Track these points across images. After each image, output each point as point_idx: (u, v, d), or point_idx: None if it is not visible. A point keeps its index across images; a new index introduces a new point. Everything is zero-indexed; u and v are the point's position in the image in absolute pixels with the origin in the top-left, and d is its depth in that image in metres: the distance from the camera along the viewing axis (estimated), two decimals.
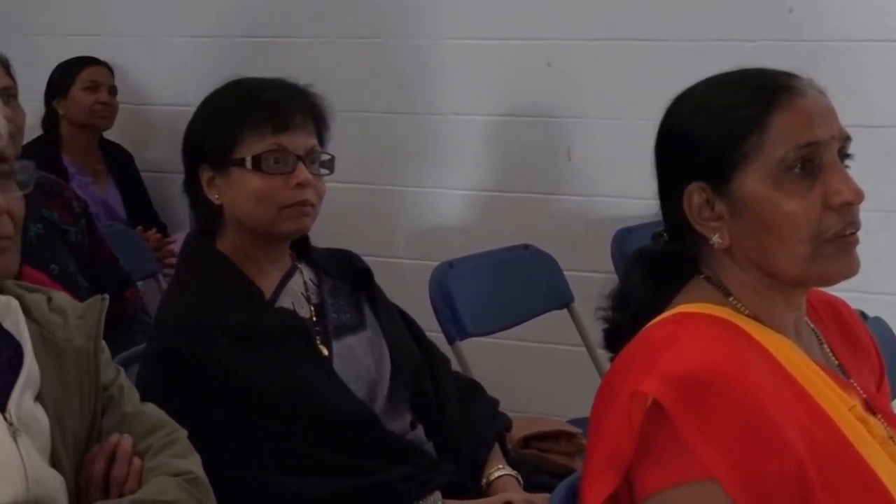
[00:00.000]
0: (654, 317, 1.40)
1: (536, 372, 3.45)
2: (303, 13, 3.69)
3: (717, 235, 1.39)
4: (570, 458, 2.26)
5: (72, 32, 3.97)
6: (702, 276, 1.43)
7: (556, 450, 2.27)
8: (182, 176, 2.02)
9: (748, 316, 1.39)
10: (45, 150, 3.65)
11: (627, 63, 3.30)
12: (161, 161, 3.87)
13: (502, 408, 2.19)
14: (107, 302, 1.56)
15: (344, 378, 1.95)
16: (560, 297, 2.97)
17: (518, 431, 2.23)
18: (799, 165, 1.35)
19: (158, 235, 3.73)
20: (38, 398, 1.46)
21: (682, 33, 3.24)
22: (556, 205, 3.44)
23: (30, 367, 1.45)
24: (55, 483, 1.44)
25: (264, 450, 1.86)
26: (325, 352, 1.98)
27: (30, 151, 2.99)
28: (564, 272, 3.00)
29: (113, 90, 3.87)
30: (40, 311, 1.51)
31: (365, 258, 2.17)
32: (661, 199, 1.45)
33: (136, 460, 1.49)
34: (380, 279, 2.14)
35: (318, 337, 1.99)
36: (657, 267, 1.45)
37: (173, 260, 3.46)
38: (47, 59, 3.83)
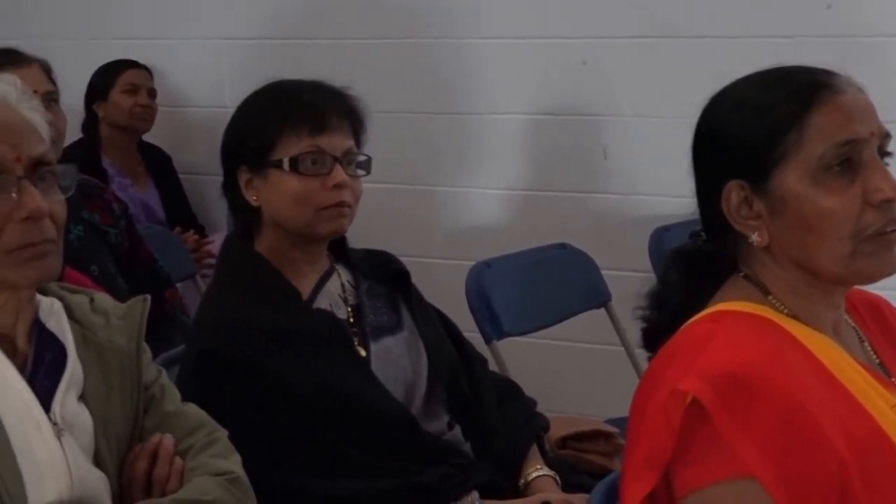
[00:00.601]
0: (693, 315, 1.39)
1: (574, 372, 3.44)
2: (339, 15, 3.70)
3: (755, 234, 1.38)
4: (607, 458, 2.25)
5: (111, 36, 4.00)
6: (740, 275, 1.42)
7: (594, 450, 2.26)
8: (220, 178, 2.04)
9: (787, 315, 1.39)
10: (84, 153, 3.67)
11: (664, 61, 3.29)
12: (199, 163, 3.89)
13: (540, 408, 2.18)
14: (148, 302, 1.57)
15: (381, 379, 1.95)
16: (597, 297, 2.96)
17: (556, 431, 2.23)
18: (838, 163, 1.34)
19: (196, 237, 3.74)
20: (82, 398, 1.47)
21: (719, 30, 3.22)
22: (593, 203, 3.43)
23: (73, 367, 1.47)
24: (98, 482, 1.45)
25: (302, 451, 1.86)
26: (363, 353, 1.98)
27: (70, 154, 3.01)
28: (602, 271, 2.99)
29: (152, 93, 3.90)
30: (82, 312, 1.53)
31: (402, 258, 2.17)
32: (698, 198, 1.44)
33: (178, 460, 1.50)
34: (417, 279, 2.15)
35: (355, 338, 1.99)
36: (695, 265, 1.45)
37: (211, 261, 3.48)
38: (87, 62, 3.86)
